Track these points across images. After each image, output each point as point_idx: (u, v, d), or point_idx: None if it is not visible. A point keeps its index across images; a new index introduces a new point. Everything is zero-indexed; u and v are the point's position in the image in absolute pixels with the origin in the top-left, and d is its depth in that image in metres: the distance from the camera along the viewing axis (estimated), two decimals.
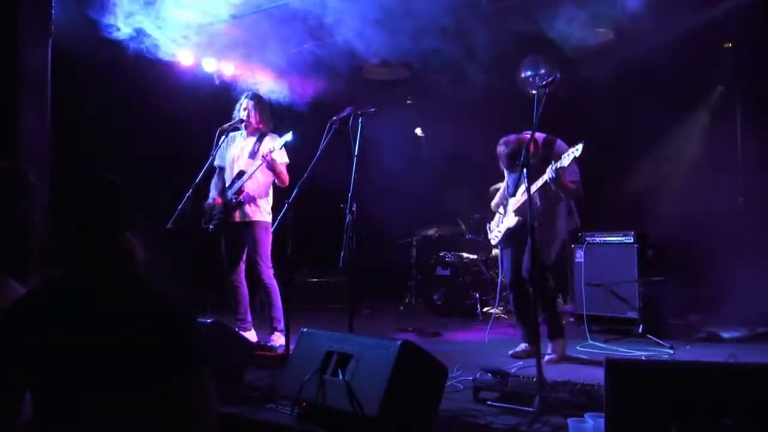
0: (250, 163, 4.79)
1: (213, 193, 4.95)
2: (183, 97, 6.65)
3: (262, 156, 4.64)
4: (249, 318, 4.95)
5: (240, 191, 4.79)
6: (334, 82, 7.01)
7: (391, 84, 7.33)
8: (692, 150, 6.59)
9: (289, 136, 4.66)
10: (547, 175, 4.14)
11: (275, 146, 4.63)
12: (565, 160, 4.01)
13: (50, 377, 1.54)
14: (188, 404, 1.58)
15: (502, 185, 4.99)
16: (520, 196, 4.31)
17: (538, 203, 4.36)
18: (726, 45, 6.11)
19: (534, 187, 4.21)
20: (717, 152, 6.21)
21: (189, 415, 1.57)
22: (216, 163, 4.95)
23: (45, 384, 1.55)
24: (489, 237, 4.99)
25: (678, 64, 5.81)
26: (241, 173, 4.82)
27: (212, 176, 5.02)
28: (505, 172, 4.69)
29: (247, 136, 4.91)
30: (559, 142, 4.38)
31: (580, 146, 3.97)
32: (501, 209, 4.80)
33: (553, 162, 4.16)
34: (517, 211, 4.50)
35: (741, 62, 6.01)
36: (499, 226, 4.77)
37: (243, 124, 4.84)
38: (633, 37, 5.67)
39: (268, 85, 6.97)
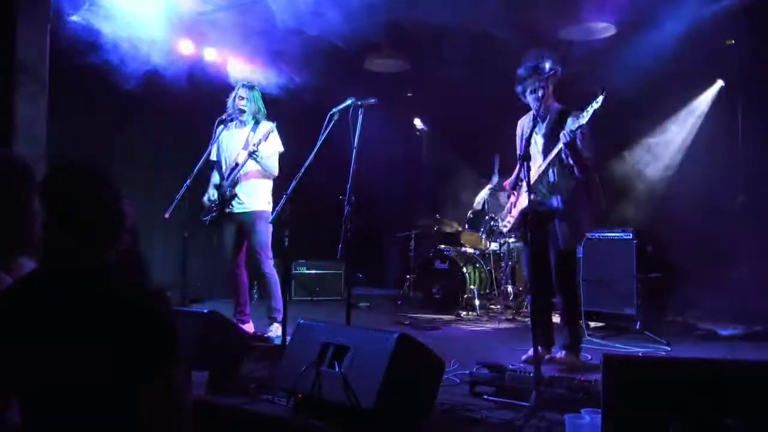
0: (244, 154, 4.78)
1: (210, 189, 4.92)
2: (182, 85, 6.62)
3: (248, 152, 4.65)
4: (248, 310, 4.94)
5: (235, 183, 4.78)
6: (334, 72, 6.99)
7: (391, 76, 7.29)
8: (692, 147, 6.58)
9: (272, 126, 4.68)
10: (562, 139, 3.72)
11: (261, 139, 4.63)
12: (584, 117, 3.63)
13: (27, 373, 1.51)
14: (161, 402, 1.55)
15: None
16: (535, 172, 3.93)
17: (554, 179, 3.97)
18: (728, 42, 6.09)
19: (549, 157, 3.87)
20: (717, 150, 6.20)
21: (162, 413, 1.55)
22: (212, 157, 4.95)
23: (23, 381, 1.53)
24: (500, 225, 4.54)
25: (679, 59, 5.79)
26: (236, 165, 4.80)
27: (210, 169, 4.99)
28: (522, 147, 4.15)
29: (242, 127, 4.89)
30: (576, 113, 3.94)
31: (600, 98, 3.57)
32: (513, 194, 4.33)
33: (569, 122, 3.75)
34: (532, 188, 3.86)
35: (742, 59, 5.99)
36: (511, 211, 4.32)
37: (240, 115, 4.82)
38: (634, 33, 5.65)
39: (264, 74, 6.96)
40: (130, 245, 1.70)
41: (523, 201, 4.04)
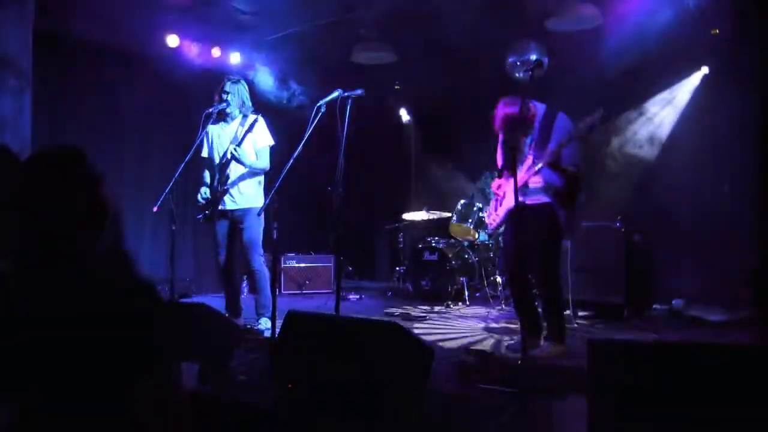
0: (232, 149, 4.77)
1: (203, 187, 4.91)
2: (169, 78, 6.58)
3: (231, 153, 4.67)
4: (239, 305, 4.95)
5: (226, 179, 4.78)
6: (321, 65, 6.97)
7: (379, 68, 7.28)
8: (678, 135, 6.63)
9: (257, 118, 4.69)
10: (545, 159, 3.73)
11: (246, 132, 4.65)
12: (581, 131, 3.60)
13: (9, 370, 1.49)
14: (153, 398, 1.54)
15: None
16: (524, 173, 3.92)
17: (543, 179, 3.94)
18: (713, 31, 6.12)
19: (539, 164, 3.83)
20: (702, 138, 6.25)
21: (153, 410, 1.53)
22: (203, 154, 4.94)
23: (5, 384, 1.51)
24: (487, 221, 4.53)
25: (664, 48, 5.83)
26: (226, 161, 4.79)
27: (197, 162, 4.98)
28: (498, 149, 4.28)
29: (230, 121, 4.88)
30: (561, 116, 3.94)
31: (597, 115, 3.52)
32: (500, 191, 4.27)
33: (557, 123, 3.76)
34: (520, 189, 3.83)
35: (727, 48, 6.03)
36: (497, 210, 4.29)
37: (226, 108, 4.81)
38: (620, 22, 5.68)
39: (251, 68, 6.94)
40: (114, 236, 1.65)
41: (510, 200, 4.06)
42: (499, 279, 6.73)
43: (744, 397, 1.98)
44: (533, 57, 6.54)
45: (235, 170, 4.78)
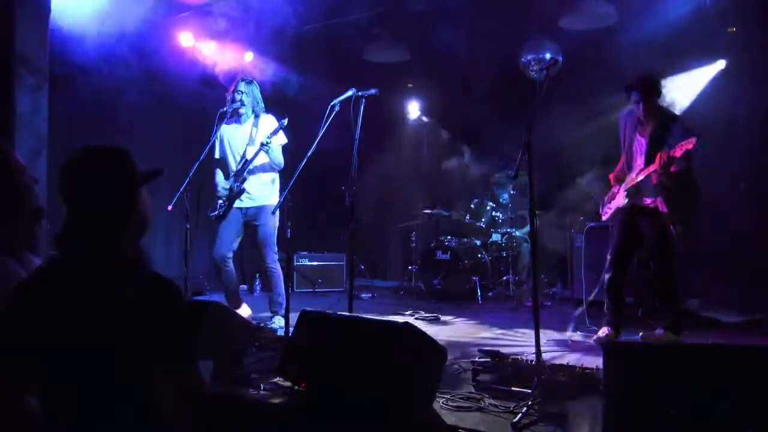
0: (251, 149, 4.79)
1: (219, 185, 4.92)
2: (183, 78, 6.61)
3: (261, 144, 4.65)
4: (239, 294, 5.02)
5: (243, 178, 4.80)
6: (334, 63, 6.98)
7: (392, 66, 7.28)
8: (693, 131, 6.55)
9: (284, 122, 4.66)
10: (654, 164, 3.92)
11: (273, 132, 4.64)
12: (678, 152, 3.80)
13: (45, 364, 1.53)
14: (176, 393, 1.56)
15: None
16: (635, 175, 4.19)
17: (656, 180, 4.10)
18: (730, 30, 6.06)
19: (650, 167, 4.05)
20: (718, 136, 6.18)
21: (176, 404, 1.56)
22: (217, 155, 4.97)
23: (41, 371, 1.54)
24: (601, 212, 4.68)
25: (680, 47, 5.78)
26: (242, 160, 4.81)
27: (211, 161, 5.00)
28: (625, 141, 4.41)
29: (243, 121, 4.90)
30: (680, 122, 4.16)
31: (693, 140, 3.72)
32: (616, 186, 4.51)
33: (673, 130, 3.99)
34: (627, 191, 4.29)
35: (744, 44, 5.96)
36: (611, 203, 4.53)
37: (239, 109, 4.82)
38: (635, 20, 5.64)
39: (264, 67, 6.96)
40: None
41: (621, 197, 4.37)
42: (511, 278, 6.70)
43: (759, 399, 1.96)
44: (548, 56, 6.52)
45: (251, 169, 4.80)
